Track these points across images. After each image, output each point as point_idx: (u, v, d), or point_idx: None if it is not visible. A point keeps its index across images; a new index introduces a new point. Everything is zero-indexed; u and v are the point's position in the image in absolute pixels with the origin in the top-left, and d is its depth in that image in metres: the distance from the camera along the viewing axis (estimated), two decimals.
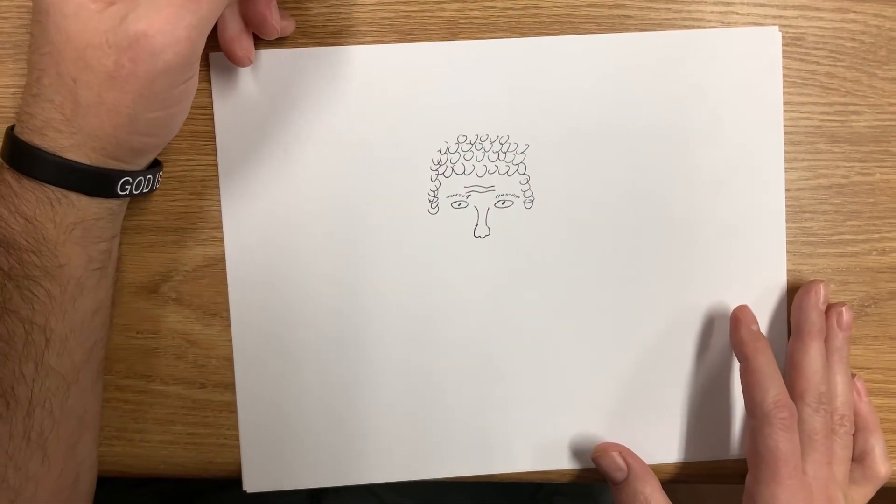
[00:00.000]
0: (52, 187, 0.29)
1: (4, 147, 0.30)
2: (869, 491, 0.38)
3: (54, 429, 0.31)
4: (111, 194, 0.31)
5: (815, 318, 0.37)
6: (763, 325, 0.39)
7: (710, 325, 0.39)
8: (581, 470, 0.39)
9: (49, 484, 0.31)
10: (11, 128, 0.31)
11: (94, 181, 0.30)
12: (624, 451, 0.38)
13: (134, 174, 0.31)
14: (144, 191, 0.33)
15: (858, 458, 0.38)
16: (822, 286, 0.37)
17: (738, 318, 0.37)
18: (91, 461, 0.34)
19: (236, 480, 0.39)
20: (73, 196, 0.30)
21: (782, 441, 0.34)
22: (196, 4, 0.28)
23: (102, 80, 0.28)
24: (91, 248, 0.31)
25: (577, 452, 0.39)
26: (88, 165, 0.29)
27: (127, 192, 0.31)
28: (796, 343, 0.37)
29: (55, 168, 0.29)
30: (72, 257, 0.30)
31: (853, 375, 0.39)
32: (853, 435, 0.38)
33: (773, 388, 0.35)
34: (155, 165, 0.35)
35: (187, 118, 0.37)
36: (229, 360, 0.38)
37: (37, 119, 0.29)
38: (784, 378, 0.37)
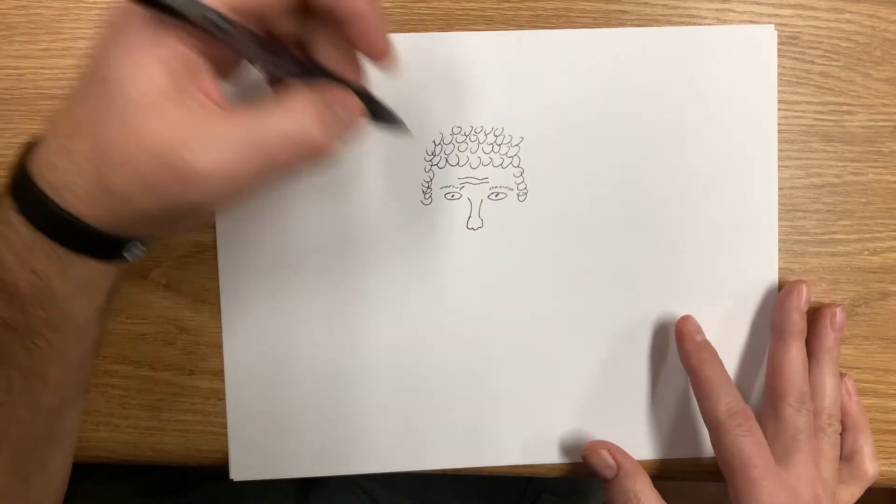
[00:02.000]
0: (64, 248, 0.27)
1: (18, 188, 0.27)
2: (857, 490, 0.38)
3: (33, 453, 0.30)
4: (118, 258, 0.29)
5: (796, 318, 0.37)
6: (752, 322, 0.39)
7: (701, 322, 0.38)
8: (571, 464, 0.39)
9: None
10: (24, 165, 0.27)
11: (107, 248, 0.28)
12: (613, 449, 0.38)
13: (143, 239, 0.29)
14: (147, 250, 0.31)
15: (847, 458, 0.38)
16: (804, 287, 0.37)
17: (682, 331, 0.38)
18: (62, 476, 0.33)
19: (221, 473, 0.38)
20: (84, 257, 0.28)
21: (745, 445, 0.34)
22: (265, 157, 0.26)
23: (140, 184, 0.25)
24: (95, 297, 0.30)
25: (568, 447, 0.39)
26: (102, 233, 0.27)
27: (132, 255, 0.30)
28: (777, 344, 0.37)
29: (73, 233, 0.27)
30: (77, 309, 0.29)
31: (843, 375, 0.39)
32: (842, 434, 0.38)
33: (725, 397, 0.35)
34: None
35: None
36: (218, 347, 0.38)
37: (60, 176, 0.26)
38: (766, 379, 0.37)
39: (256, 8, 0.25)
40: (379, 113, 0.30)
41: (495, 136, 0.38)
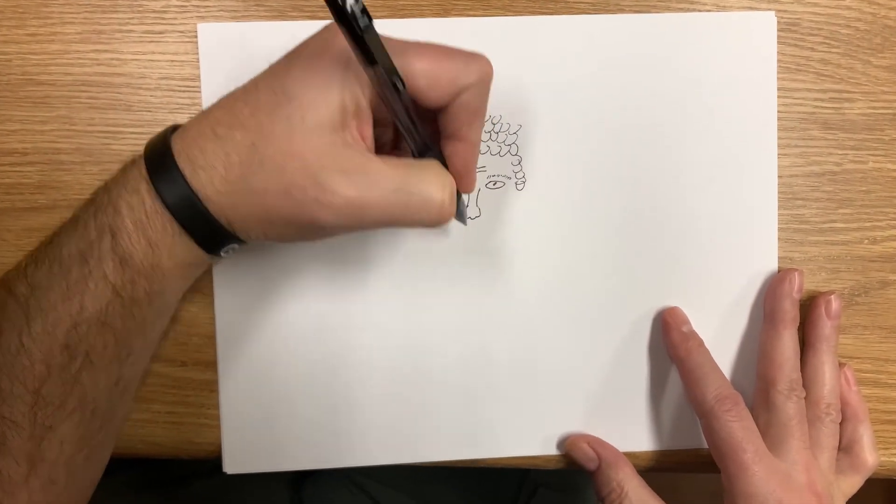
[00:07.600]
0: (179, 225, 0.29)
1: (155, 160, 0.29)
2: (856, 480, 0.38)
3: (101, 430, 0.32)
4: (214, 252, 0.31)
5: (788, 306, 0.37)
6: (752, 312, 0.39)
7: (700, 310, 0.38)
8: (567, 455, 0.39)
9: (83, 480, 0.32)
10: (167, 142, 0.29)
11: (213, 237, 0.30)
12: (593, 441, 0.38)
13: (240, 243, 0.31)
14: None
15: (846, 448, 0.38)
16: (796, 275, 0.37)
17: (668, 322, 0.38)
18: (103, 468, 0.34)
19: (214, 468, 0.38)
20: (191, 241, 0.29)
21: (735, 430, 0.34)
22: (404, 209, 0.29)
23: (280, 186, 0.28)
24: (186, 282, 0.32)
25: (565, 439, 0.39)
26: (216, 221, 0.29)
27: (226, 255, 0.31)
28: (768, 331, 0.37)
29: (194, 212, 0.28)
30: (172, 289, 0.31)
31: (842, 365, 0.39)
32: (841, 424, 0.38)
33: (713, 383, 0.35)
34: None
35: (174, 91, 0.36)
36: (211, 338, 0.37)
37: (203, 157, 0.28)
38: (757, 367, 0.37)
39: (417, 93, 0.29)
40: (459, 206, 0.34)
41: (493, 123, 0.37)
